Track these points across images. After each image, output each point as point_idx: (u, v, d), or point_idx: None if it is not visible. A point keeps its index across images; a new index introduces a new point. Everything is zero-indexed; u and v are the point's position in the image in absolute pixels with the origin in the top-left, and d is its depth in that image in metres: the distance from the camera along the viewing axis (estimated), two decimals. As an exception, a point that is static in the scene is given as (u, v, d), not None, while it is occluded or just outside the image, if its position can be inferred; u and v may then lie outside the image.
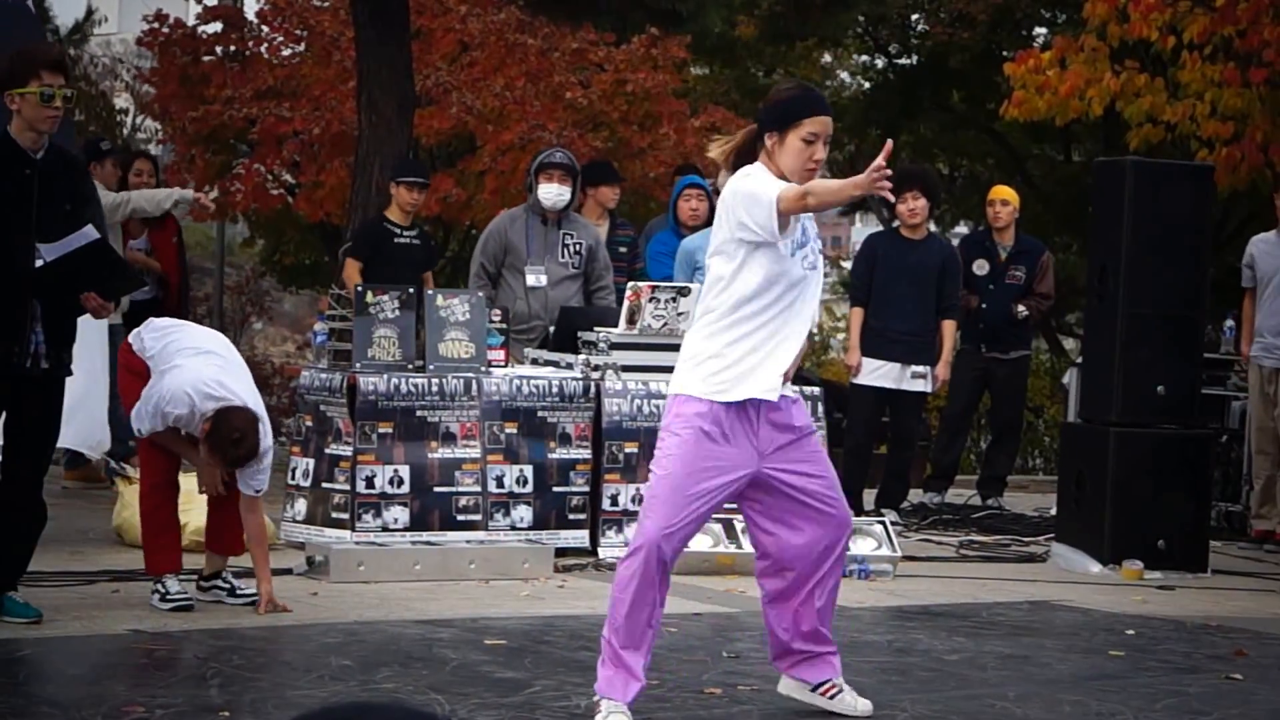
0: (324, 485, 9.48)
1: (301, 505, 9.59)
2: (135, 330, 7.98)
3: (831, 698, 6.25)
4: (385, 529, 9.31)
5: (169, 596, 7.68)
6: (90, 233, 7.11)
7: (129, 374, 7.89)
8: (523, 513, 9.63)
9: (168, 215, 12.34)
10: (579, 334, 10.04)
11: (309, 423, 9.66)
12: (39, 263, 7.04)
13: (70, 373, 7.32)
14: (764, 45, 25.15)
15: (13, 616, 7.19)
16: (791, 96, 6.09)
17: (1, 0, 9.79)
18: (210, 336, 8.18)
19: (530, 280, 10.70)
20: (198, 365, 7.65)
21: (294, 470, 9.72)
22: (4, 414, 7.21)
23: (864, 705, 6.26)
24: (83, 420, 9.80)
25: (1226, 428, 12.63)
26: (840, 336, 28.28)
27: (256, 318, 27.84)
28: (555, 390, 9.80)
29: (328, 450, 9.49)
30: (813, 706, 6.25)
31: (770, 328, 6.00)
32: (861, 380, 11.93)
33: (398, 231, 11.49)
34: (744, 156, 6.09)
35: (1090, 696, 6.69)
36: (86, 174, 7.34)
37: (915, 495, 12.65)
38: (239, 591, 7.92)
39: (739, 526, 9.61)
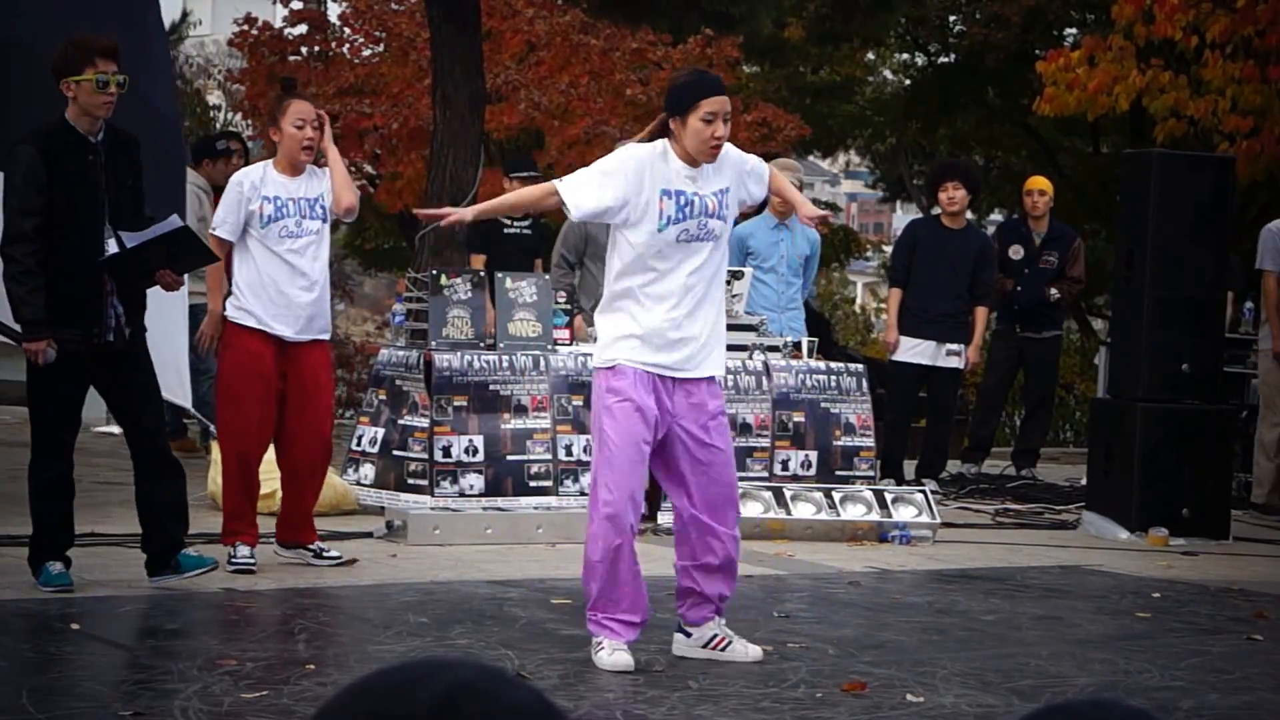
0: (395, 453, 9.49)
1: (369, 470, 9.65)
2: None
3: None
4: (462, 494, 9.31)
5: (233, 559, 7.65)
6: (175, 221, 7.02)
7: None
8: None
9: None
10: None
11: (381, 396, 9.68)
12: (114, 249, 6.85)
13: (145, 329, 7.13)
14: (811, 45, 25.08)
15: (190, 570, 7.08)
16: (687, 82, 6.02)
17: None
18: None
19: None
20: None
21: (360, 438, 9.76)
22: (90, 386, 7.01)
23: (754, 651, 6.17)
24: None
25: (1246, 404, 12.51)
26: (883, 316, 28.18)
27: (338, 299, 27.92)
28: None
29: (401, 421, 9.50)
30: (857, 662, 6.22)
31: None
32: (899, 357, 11.88)
33: (508, 223, 11.53)
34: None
35: (1119, 655, 6.63)
36: (139, 146, 7.16)
37: (953, 466, 12.58)
38: (325, 554, 7.92)
39: (788, 494, 9.58)
